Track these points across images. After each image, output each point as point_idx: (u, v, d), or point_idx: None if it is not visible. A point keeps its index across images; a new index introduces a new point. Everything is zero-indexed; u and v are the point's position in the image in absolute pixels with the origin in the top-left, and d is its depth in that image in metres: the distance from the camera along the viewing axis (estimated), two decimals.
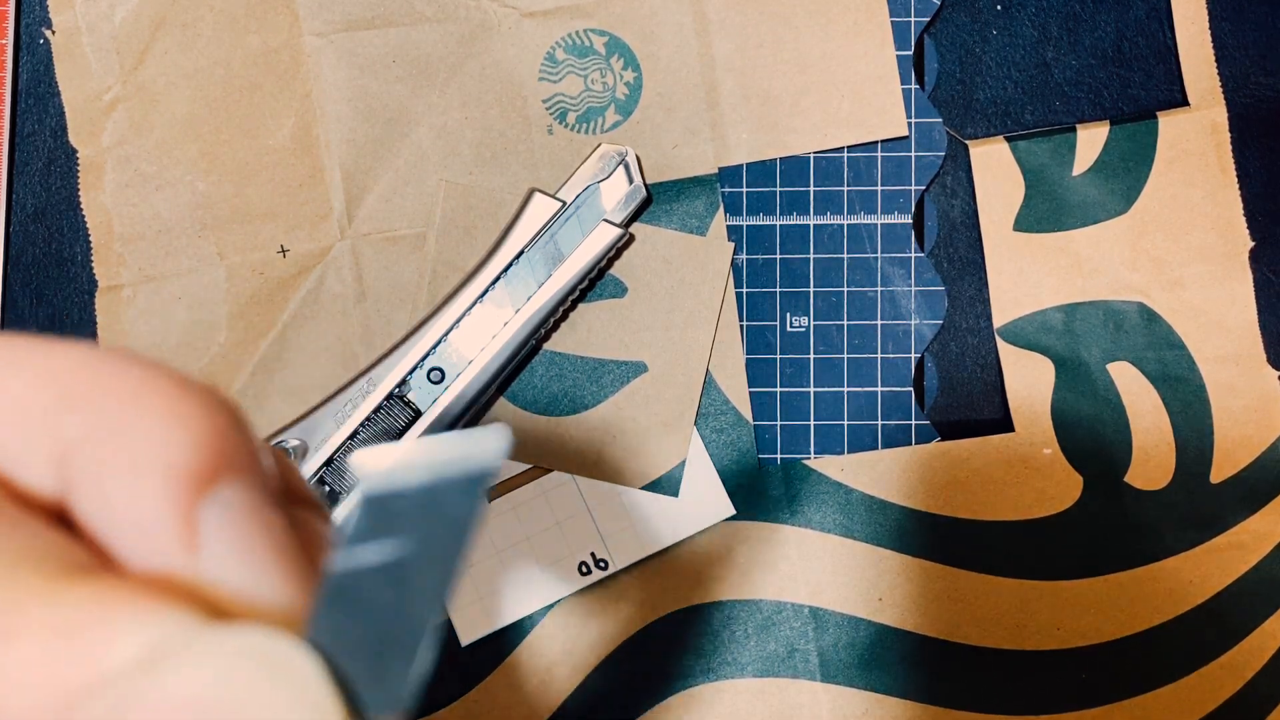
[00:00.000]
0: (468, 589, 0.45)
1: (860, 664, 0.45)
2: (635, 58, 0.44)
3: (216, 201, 0.44)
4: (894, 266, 0.45)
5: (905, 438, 0.45)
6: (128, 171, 0.44)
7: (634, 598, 0.45)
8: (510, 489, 0.45)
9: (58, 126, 0.45)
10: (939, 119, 0.45)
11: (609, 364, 0.45)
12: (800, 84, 0.44)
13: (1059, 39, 0.45)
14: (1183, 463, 0.45)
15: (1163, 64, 0.45)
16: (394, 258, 0.44)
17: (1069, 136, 0.45)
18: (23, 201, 0.45)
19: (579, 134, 0.44)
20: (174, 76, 0.44)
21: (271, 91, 0.44)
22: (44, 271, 0.45)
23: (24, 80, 0.45)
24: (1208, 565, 0.45)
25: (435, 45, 0.44)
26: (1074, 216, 0.45)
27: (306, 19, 0.44)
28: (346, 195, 0.44)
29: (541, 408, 0.45)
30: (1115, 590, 0.45)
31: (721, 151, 0.45)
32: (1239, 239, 0.45)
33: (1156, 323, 0.45)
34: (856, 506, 0.45)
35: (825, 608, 0.45)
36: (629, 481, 0.45)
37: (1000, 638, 0.45)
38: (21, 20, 0.45)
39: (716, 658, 0.45)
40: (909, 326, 0.45)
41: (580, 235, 0.43)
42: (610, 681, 0.45)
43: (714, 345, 0.45)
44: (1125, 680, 0.45)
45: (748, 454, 0.45)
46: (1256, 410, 0.45)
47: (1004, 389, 0.45)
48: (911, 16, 0.45)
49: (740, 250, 0.45)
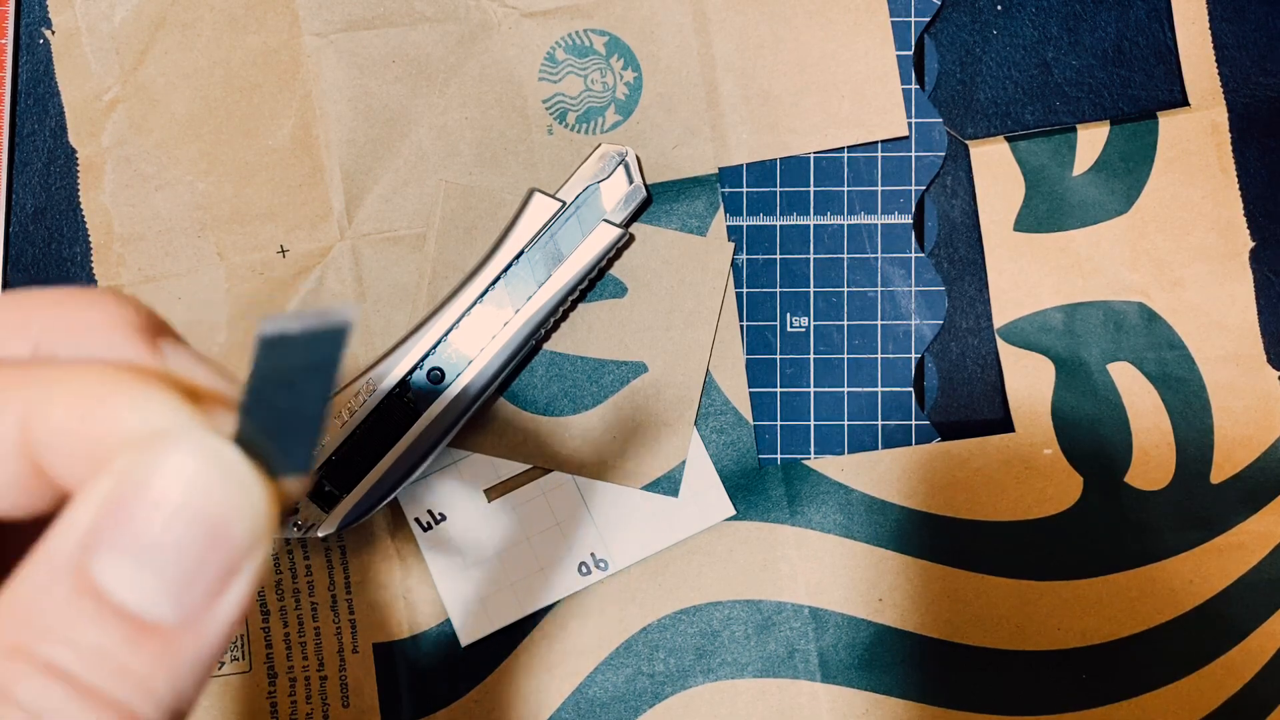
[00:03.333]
0: (468, 590, 0.45)
1: (860, 664, 0.45)
2: (635, 58, 0.44)
3: (216, 202, 0.44)
4: (894, 267, 0.45)
5: (905, 438, 0.45)
6: (127, 172, 0.44)
7: (634, 598, 0.45)
8: (510, 489, 0.45)
9: (57, 127, 0.45)
10: (939, 119, 0.45)
11: (609, 364, 0.45)
12: (800, 84, 0.44)
13: (1059, 39, 0.45)
14: (1183, 463, 0.45)
15: (1163, 64, 0.45)
16: (394, 258, 0.44)
17: (1069, 136, 0.45)
18: (22, 201, 0.45)
19: (579, 134, 0.44)
20: (174, 77, 0.44)
21: (271, 92, 0.44)
22: (44, 271, 0.45)
23: (24, 80, 0.45)
24: (1208, 566, 0.45)
25: (435, 45, 0.44)
26: (1074, 216, 0.45)
27: (306, 19, 0.44)
28: (346, 195, 0.44)
29: (541, 408, 0.45)
30: (1115, 590, 0.45)
31: (721, 152, 0.45)
32: (1239, 239, 0.45)
33: (1157, 323, 0.45)
34: (856, 507, 0.45)
35: (825, 608, 0.45)
36: (629, 482, 0.45)
37: (1000, 638, 0.45)
38: (21, 20, 0.45)
39: (716, 658, 0.45)
40: (909, 327, 0.45)
41: (580, 235, 0.43)
42: (610, 682, 0.45)
43: (714, 345, 0.45)
44: (1125, 680, 0.45)
45: (748, 454, 0.45)
46: (1257, 410, 0.45)
47: (1004, 389, 0.45)
48: (912, 16, 0.45)
49: (740, 250, 0.45)
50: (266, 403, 0.18)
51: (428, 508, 0.45)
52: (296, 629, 0.45)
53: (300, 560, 0.45)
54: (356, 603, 0.45)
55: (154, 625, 0.17)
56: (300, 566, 0.45)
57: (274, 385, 0.18)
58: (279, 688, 0.45)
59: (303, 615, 0.45)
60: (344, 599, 0.45)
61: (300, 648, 0.45)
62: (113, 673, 0.17)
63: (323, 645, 0.45)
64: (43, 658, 0.17)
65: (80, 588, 0.17)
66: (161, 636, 0.17)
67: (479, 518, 0.45)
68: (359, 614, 0.45)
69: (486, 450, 0.45)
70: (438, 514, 0.45)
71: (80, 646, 0.17)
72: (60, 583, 0.17)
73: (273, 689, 0.45)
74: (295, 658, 0.45)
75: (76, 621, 0.17)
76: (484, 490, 0.45)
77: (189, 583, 0.17)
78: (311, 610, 0.45)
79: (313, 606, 0.45)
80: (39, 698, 0.17)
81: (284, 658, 0.45)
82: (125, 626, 0.17)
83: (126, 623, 0.17)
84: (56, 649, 0.17)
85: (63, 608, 0.17)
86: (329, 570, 0.45)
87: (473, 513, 0.45)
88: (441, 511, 0.45)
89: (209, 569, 0.17)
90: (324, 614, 0.45)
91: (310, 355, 0.18)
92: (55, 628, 0.17)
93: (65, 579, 0.17)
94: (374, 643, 0.45)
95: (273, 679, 0.45)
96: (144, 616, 0.17)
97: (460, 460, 0.45)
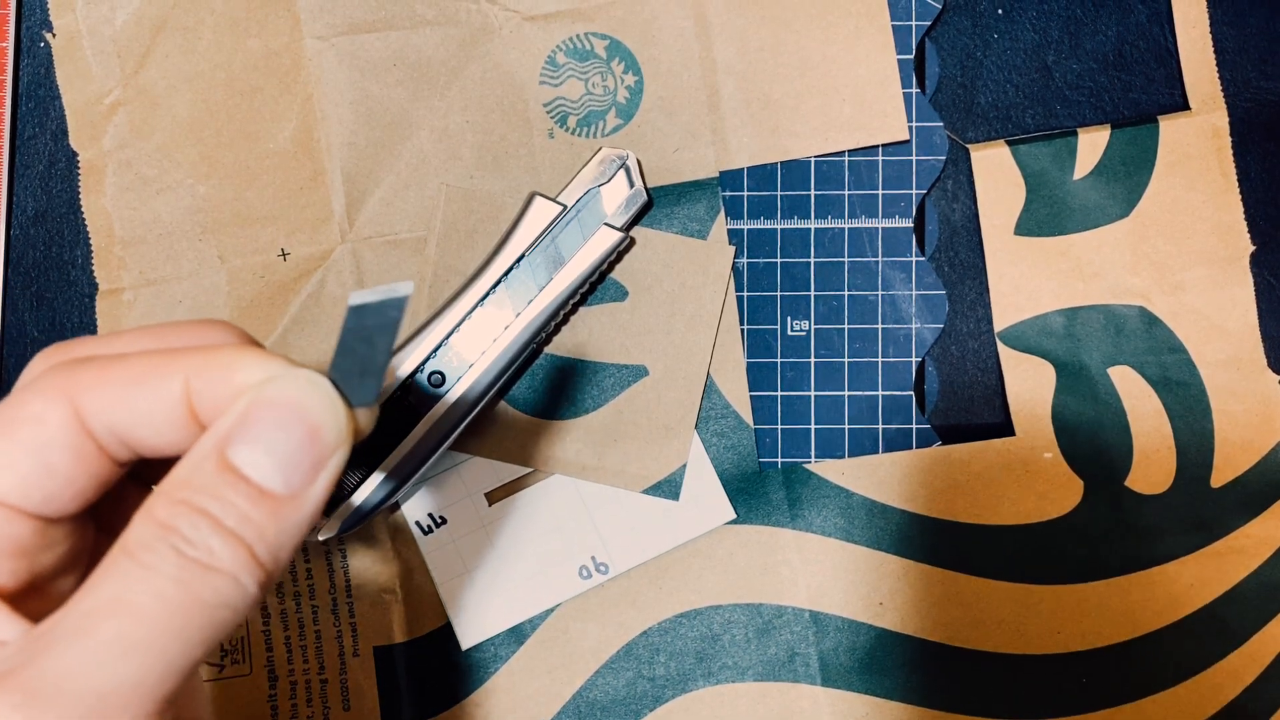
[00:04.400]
0: (468, 593, 0.45)
1: (861, 668, 0.45)
2: (636, 61, 0.44)
3: (217, 205, 0.44)
4: (895, 270, 0.45)
5: (906, 441, 0.45)
6: (128, 175, 0.44)
7: (634, 601, 0.45)
8: (511, 493, 0.45)
9: (58, 130, 0.45)
10: (940, 123, 0.45)
11: (610, 368, 0.45)
12: (801, 88, 0.44)
13: (1060, 43, 0.45)
14: (1183, 467, 0.45)
15: (1164, 67, 0.45)
16: (395, 261, 0.44)
17: (1070, 140, 0.45)
18: (23, 204, 0.45)
19: (580, 137, 0.44)
20: (175, 80, 0.44)
21: (272, 95, 0.44)
22: (44, 275, 0.45)
23: (24, 83, 0.45)
24: (1208, 570, 0.45)
25: (436, 49, 0.44)
26: (1075, 220, 0.45)
27: (308, 22, 0.44)
28: (347, 198, 0.44)
29: (542, 411, 0.45)
30: (1116, 594, 0.45)
31: (723, 155, 0.45)
32: (1239, 243, 0.45)
33: (1157, 327, 0.45)
34: (857, 510, 0.45)
35: (826, 612, 0.45)
36: (629, 485, 0.45)
37: (1001, 642, 0.45)
38: (22, 23, 0.45)
39: (717, 662, 0.45)
40: (910, 330, 0.45)
41: (581, 239, 0.43)
42: (610, 685, 0.45)
43: (715, 349, 0.45)
44: (1126, 685, 0.45)
45: (748, 458, 0.45)
46: (1257, 414, 0.45)
47: (1004, 393, 0.45)
48: (913, 20, 0.45)
49: (741, 254, 0.45)
50: (348, 352, 0.26)
51: (429, 511, 0.45)
52: (297, 632, 0.45)
53: (301, 564, 0.45)
54: (357, 606, 0.45)
55: (270, 492, 0.25)
56: (301, 570, 0.45)
57: (353, 340, 0.26)
58: (280, 690, 0.45)
59: (304, 618, 0.45)
60: (345, 602, 0.45)
61: (301, 651, 0.45)
62: (240, 521, 0.25)
63: (323, 648, 0.45)
64: (198, 505, 0.25)
65: (221, 465, 0.25)
66: (273, 501, 0.25)
67: (480, 521, 0.45)
68: (360, 617, 0.45)
69: (487, 453, 0.45)
70: (439, 517, 0.45)
71: (222, 501, 0.25)
72: (210, 459, 0.25)
73: (273, 692, 0.45)
74: (296, 661, 0.45)
75: (219, 487, 0.25)
76: (485, 493, 0.45)
77: (294, 466, 0.25)
78: (312, 613, 0.45)
79: (313, 609, 0.45)
80: (193, 530, 0.24)
81: (285, 661, 0.45)
82: (251, 491, 0.25)
83: (252, 488, 0.25)
84: (207, 500, 0.25)
85: (210, 478, 0.25)
86: (330, 573, 0.45)
87: (473, 516, 0.45)
88: (442, 515, 0.45)
89: (307, 458, 0.26)
90: (325, 617, 0.45)
91: (379, 319, 0.26)
92: (206, 489, 0.25)
93: (213, 457, 0.25)
94: (374, 646, 0.45)
95: (273, 682, 0.45)
96: (263, 485, 0.25)
97: (461, 463, 0.45)
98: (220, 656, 0.45)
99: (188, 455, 0.26)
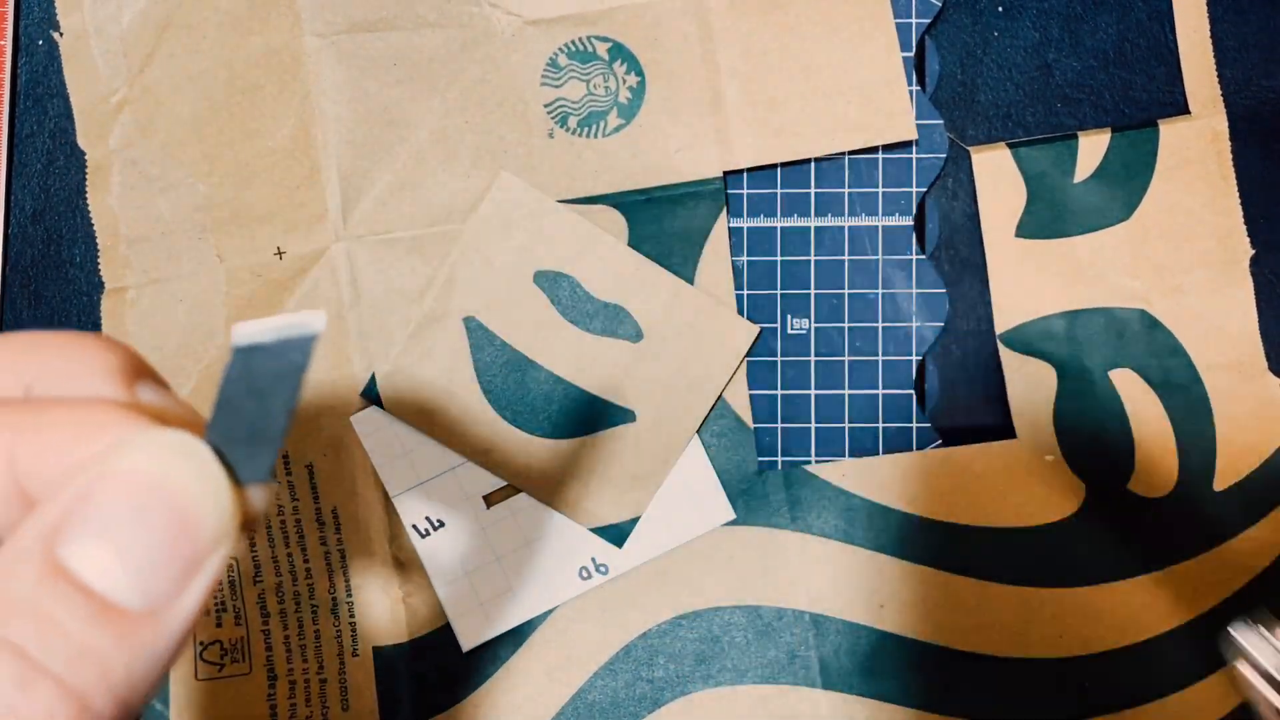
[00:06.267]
0: (468, 595, 0.45)
1: (861, 671, 0.45)
2: (639, 63, 0.44)
3: (217, 203, 0.44)
4: (895, 269, 0.45)
5: (906, 440, 0.45)
6: (133, 174, 0.44)
7: (634, 603, 0.45)
8: (511, 494, 0.45)
9: (56, 128, 0.45)
10: (940, 121, 0.45)
11: (600, 401, 0.45)
12: (806, 89, 0.44)
13: (1060, 41, 0.45)
14: (1185, 470, 0.45)
15: (1164, 66, 0.45)
16: (389, 261, 0.44)
17: (1070, 143, 0.45)
18: (21, 203, 0.45)
19: (580, 138, 0.44)
20: (179, 78, 0.44)
21: (272, 92, 0.44)
22: (43, 273, 0.45)
23: (23, 81, 0.45)
24: (1211, 573, 0.45)
25: (437, 50, 0.44)
26: (1075, 223, 0.45)
27: (308, 19, 0.44)
28: (343, 197, 0.44)
29: (522, 421, 0.45)
30: (1118, 598, 0.45)
31: (726, 155, 0.45)
32: (1240, 246, 0.45)
33: (1158, 329, 0.45)
34: (857, 512, 0.45)
35: (826, 614, 0.45)
36: (577, 518, 0.45)
37: (1002, 645, 0.45)
38: (20, 22, 0.45)
39: (716, 664, 0.45)
40: (910, 329, 0.45)
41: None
42: (609, 687, 0.45)
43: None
44: (1128, 690, 0.45)
45: (748, 458, 0.45)
46: (1259, 417, 0.45)
47: (1005, 395, 0.45)
48: (913, 18, 0.45)
49: (741, 252, 0.45)
50: (234, 410, 0.19)
51: (425, 514, 0.45)
52: (296, 632, 0.45)
53: (300, 564, 0.45)
54: (357, 607, 0.45)
55: (118, 608, 0.18)
56: (300, 570, 0.45)
57: (242, 393, 0.19)
58: (279, 690, 0.45)
59: (303, 619, 0.45)
60: (344, 602, 0.45)
61: (300, 651, 0.45)
62: (72, 655, 0.17)
63: (323, 649, 0.45)
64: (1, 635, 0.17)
65: (47, 568, 0.18)
66: (124, 620, 0.18)
67: (478, 523, 0.45)
68: (359, 618, 0.45)
69: (451, 445, 0.45)
70: (435, 520, 0.45)
71: (43, 626, 0.17)
72: (28, 563, 0.18)
73: (272, 691, 0.45)
74: (295, 661, 0.45)
75: (42, 601, 0.17)
76: (483, 496, 0.45)
77: (155, 569, 0.18)
78: (312, 614, 0.45)
79: (313, 610, 0.45)
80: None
81: (284, 661, 0.45)
82: (90, 606, 0.18)
83: (92, 602, 0.18)
84: (18, 625, 0.17)
85: (29, 587, 0.17)
86: (329, 574, 0.45)
87: (472, 519, 0.45)
88: (440, 518, 0.45)
89: (175, 558, 0.18)
90: (324, 617, 0.45)
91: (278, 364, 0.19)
92: (20, 606, 0.17)
93: (34, 559, 0.18)
94: (374, 646, 0.45)
95: (272, 681, 0.45)
96: (108, 598, 0.18)
97: (459, 466, 0.45)
98: (220, 656, 0.45)
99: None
